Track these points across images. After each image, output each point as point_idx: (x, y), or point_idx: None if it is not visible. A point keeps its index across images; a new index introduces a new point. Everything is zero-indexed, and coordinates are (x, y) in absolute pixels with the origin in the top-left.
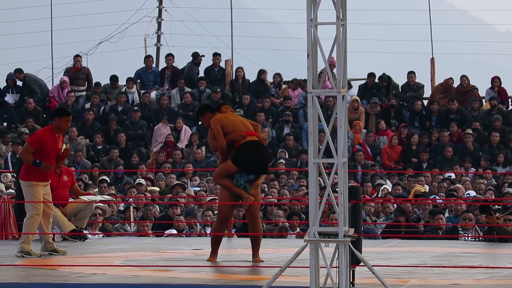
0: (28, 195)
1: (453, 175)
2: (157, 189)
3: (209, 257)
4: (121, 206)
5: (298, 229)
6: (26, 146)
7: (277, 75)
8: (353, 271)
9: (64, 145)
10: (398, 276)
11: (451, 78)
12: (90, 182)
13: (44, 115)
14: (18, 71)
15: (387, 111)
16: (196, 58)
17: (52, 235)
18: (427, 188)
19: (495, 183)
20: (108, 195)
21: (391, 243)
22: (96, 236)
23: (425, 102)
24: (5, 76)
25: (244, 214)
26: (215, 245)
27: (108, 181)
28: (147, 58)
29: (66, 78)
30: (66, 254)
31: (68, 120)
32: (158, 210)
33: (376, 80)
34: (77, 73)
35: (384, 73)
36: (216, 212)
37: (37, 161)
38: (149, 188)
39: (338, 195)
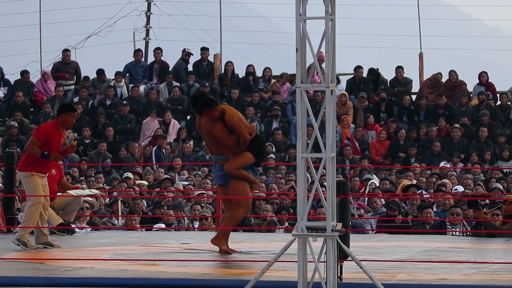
0: (29, 185)
1: (446, 165)
2: (146, 183)
3: (224, 246)
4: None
5: (287, 224)
6: (33, 140)
7: (268, 69)
8: (341, 266)
9: (69, 140)
10: (386, 271)
11: (439, 73)
12: (82, 178)
13: (32, 109)
14: None
15: (375, 105)
16: (186, 55)
17: (47, 228)
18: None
19: (484, 178)
20: (96, 189)
21: (379, 238)
22: (84, 230)
23: (414, 97)
24: None
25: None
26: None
27: (103, 178)
28: (137, 52)
29: (47, 70)
30: (60, 248)
31: (73, 116)
32: (145, 204)
33: (365, 75)
34: (65, 66)
35: (374, 67)
36: (203, 205)
37: (45, 153)
38: (138, 182)
39: (326, 189)
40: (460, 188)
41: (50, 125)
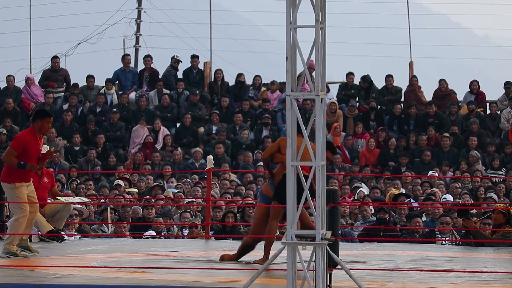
0: (13, 197)
1: (435, 174)
2: (135, 190)
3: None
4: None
5: (278, 232)
6: (10, 150)
7: (258, 77)
8: (330, 274)
9: (46, 147)
10: (375, 279)
11: (414, 76)
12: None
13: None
14: None
15: (365, 114)
16: (174, 62)
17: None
18: (402, 191)
19: (471, 187)
20: (87, 196)
21: (368, 247)
22: (73, 237)
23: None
24: None
25: (223, 216)
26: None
27: (92, 185)
28: (125, 56)
29: (31, 76)
30: (39, 254)
31: (50, 121)
32: (131, 211)
33: (357, 83)
34: (55, 73)
35: (368, 75)
36: (195, 213)
37: (22, 163)
38: (127, 189)
39: (316, 198)
40: (449, 197)
41: (26, 133)
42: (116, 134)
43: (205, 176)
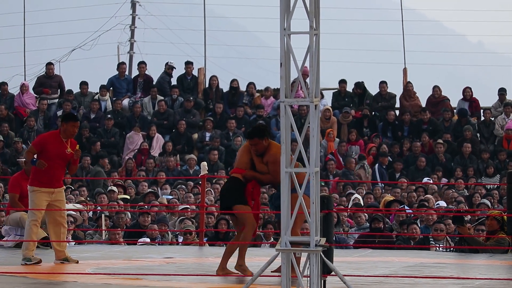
0: (30, 201)
1: (430, 181)
2: (127, 197)
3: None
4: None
5: (272, 239)
6: (29, 147)
7: (252, 85)
8: (324, 281)
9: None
10: (369, 286)
11: (409, 82)
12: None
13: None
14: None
15: (359, 120)
16: (168, 69)
17: (66, 243)
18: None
19: (467, 193)
20: (77, 202)
21: (362, 253)
22: (67, 243)
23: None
24: None
25: (216, 223)
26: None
27: (86, 192)
28: (121, 65)
29: (26, 83)
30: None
31: (75, 125)
32: (130, 217)
33: (349, 89)
34: (49, 80)
35: (362, 81)
36: (191, 220)
37: (34, 159)
38: (120, 196)
39: (310, 204)
40: (443, 203)
41: (49, 134)
42: (110, 140)
43: (200, 183)
